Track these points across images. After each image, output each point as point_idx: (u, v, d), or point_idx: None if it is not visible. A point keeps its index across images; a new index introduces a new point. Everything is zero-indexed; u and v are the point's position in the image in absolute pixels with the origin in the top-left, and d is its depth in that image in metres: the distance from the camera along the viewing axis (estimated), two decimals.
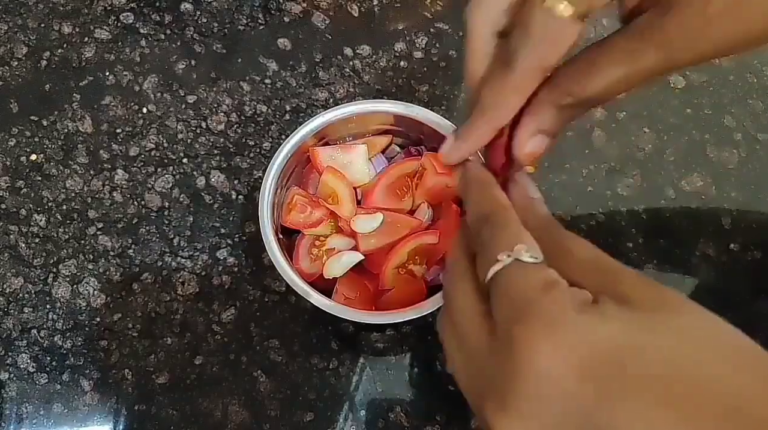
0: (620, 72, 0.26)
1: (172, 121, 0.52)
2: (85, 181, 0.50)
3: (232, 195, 0.50)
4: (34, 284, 0.48)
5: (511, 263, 0.23)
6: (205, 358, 0.46)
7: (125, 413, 0.45)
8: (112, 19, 0.54)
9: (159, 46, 0.54)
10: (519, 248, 0.23)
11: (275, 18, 0.55)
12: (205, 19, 0.55)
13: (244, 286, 0.48)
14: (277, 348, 0.47)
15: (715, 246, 0.50)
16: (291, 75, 0.53)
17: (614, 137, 0.52)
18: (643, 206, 0.51)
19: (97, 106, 0.52)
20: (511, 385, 0.21)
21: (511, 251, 0.23)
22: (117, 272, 0.48)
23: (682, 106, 0.53)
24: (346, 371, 0.46)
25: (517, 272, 0.23)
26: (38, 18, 0.54)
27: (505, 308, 0.22)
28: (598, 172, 0.51)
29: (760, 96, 0.54)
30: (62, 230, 0.49)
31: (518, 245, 0.23)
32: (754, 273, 0.49)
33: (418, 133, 0.45)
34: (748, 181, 0.51)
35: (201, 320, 0.47)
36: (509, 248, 0.23)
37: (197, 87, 0.53)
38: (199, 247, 0.49)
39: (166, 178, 0.50)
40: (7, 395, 0.45)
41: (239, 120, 0.52)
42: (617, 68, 0.26)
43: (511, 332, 0.21)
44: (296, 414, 0.45)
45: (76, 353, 0.46)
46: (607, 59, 0.26)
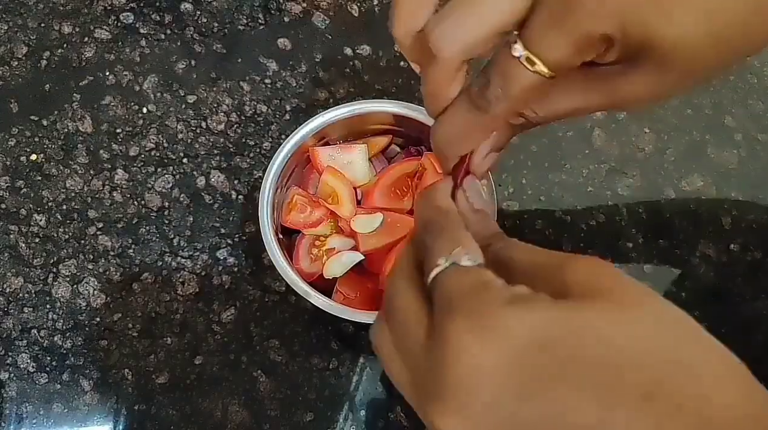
0: (569, 106, 0.28)
1: (172, 121, 0.52)
2: (85, 181, 0.50)
3: (232, 195, 0.50)
4: (34, 284, 0.48)
5: (449, 266, 0.24)
6: (205, 358, 0.46)
7: (125, 413, 0.45)
8: (112, 19, 0.54)
9: (159, 46, 0.54)
10: (458, 252, 0.24)
11: (275, 18, 0.55)
12: (205, 19, 0.55)
13: (244, 286, 0.48)
14: (277, 348, 0.47)
15: (716, 246, 0.50)
16: (291, 75, 0.53)
17: (614, 137, 0.52)
18: (643, 206, 0.51)
19: (97, 106, 0.52)
20: (446, 383, 0.21)
21: (449, 255, 0.24)
22: (117, 272, 0.48)
23: (682, 107, 0.53)
24: (346, 371, 0.46)
25: (453, 274, 0.24)
26: (38, 18, 0.54)
27: (440, 308, 0.23)
28: (598, 172, 0.51)
29: (761, 96, 0.54)
30: (62, 230, 0.49)
31: (457, 248, 0.24)
32: (754, 273, 0.49)
33: (418, 133, 0.45)
34: (749, 182, 0.51)
35: (201, 320, 0.47)
36: (449, 252, 0.24)
37: (197, 87, 0.53)
38: (199, 247, 0.49)
39: (166, 178, 0.50)
40: (7, 395, 0.45)
41: (239, 120, 0.52)
42: (568, 103, 0.28)
43: (443, 329, 0.22)
44: (296, 414, 0.45)
45: (76, 352, 0.46)
46: (562, 93, 0.28)
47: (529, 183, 0.51)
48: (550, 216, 0.50)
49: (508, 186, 0.51)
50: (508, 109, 0.27)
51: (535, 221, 0.50)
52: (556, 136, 0.52)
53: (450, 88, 0.29)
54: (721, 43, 0.25)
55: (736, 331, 0.47)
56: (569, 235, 0.49)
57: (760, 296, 0.49)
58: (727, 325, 0.48)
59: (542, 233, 0.49)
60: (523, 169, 0.51)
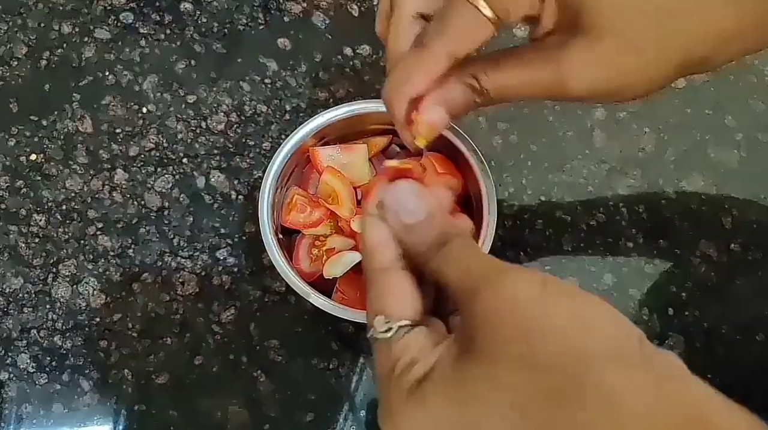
0: (519, 77, 0.29)
1: (171, 121, 0.52)
2: (84, 181, 0.50)
3: (232, 195, 0.50)
4: (33, 284, 0.48)
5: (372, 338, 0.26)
6: (205, 358, 0.46)
7: (125, 413, 0.45)
8: (112, 19, 0.54)
9: (159, 46, 0.54)
10: (377, 322, 0.25)
11: (275, 18, 0.55)
12: (205, 19, 0.55)
13: (244, 286, 0.48)
14: (277, 348, 0.47)
15: (716, 246, 0.50)
16: (291, 75, 0.53)
17: (615, 137, 0.52)
18: (643, 206, 0.51)
19: (96, 106, 0.52)
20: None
21: (372, 328, 0.25)
22: (117, 272, 0.48)
23: (682, 106, 0.53)
24: (346, 371, 0.46)
25: (377, 347, 0.25)
26: (38, 18, 0.54)
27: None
28: (598, 172, 0.51)
29: (761, 96, 0.54)
30: (62, 230, 0.49)
31: (377, 318, 0.25)
32: (755, 273, 0.49)
33: None
34: (749, 181, 0.51)
35: (201, 320, 0.47)
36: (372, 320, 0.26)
37: (197, 87, 0.53)
38: (199, 247, 0.49)
39: (165, 179, 0.50)
40: (7, 396, 0.45)
41: (239, 120, 0.52)
42: (517, 73, 0.29)
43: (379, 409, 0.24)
44: (296, 414, 0.45)
45: (75, 353, 0.46)
46: (512, 62, 0.29)
47: (529, 183, 0.51)
48: (550, 216, 0.50)
49: (508, 186, 0.51)
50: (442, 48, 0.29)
51: (536, 221, 0.50)
52: (556, 136, 0.52)
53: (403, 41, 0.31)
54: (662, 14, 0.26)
55: (737, 331, 0.47)
56: (569, 235, 0.49)
57: (761, 295, 0.48)
58: (728, 325, 0.48)
59: (542, 233, 0.49)
60: (523, 169, 0.51)
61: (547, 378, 0.20)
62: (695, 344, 0.47)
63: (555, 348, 0.21)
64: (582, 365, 0.20)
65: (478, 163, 0.42)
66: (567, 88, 0.28)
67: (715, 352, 0.47)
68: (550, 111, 0.53)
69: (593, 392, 0.19)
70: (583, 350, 0.20)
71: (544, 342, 0.21)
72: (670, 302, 0.48)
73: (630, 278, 0.49)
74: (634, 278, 0.49)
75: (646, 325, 0.47)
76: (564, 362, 0.20)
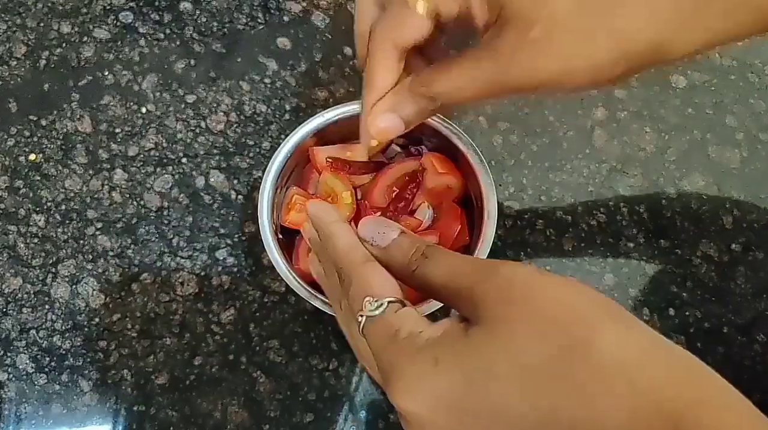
0: (464, 78, 0.30)
1: (171, 121, 0.52)
2: (84, 181, 0.50)
3: (232, 195, 0.50)
4: (33, 285, 0.48)
5: (365, 320, 0.26)
6: (205, 358, 0.46)
7: (124, 413, 0.45)
8: (111, 19, 0.54)
9: (158, 45, 0.54)
10: (367, 302, 0.26)
11: (275, 17, 0.55)
12: (204, 19, 0.55)
13: (244, 286, 0.48)
14: (276, 348, 0.47)
15: (717, 246, 0.50)
16: (291, 75, 0.53)
17: (615, 137, 0.52)
18: (644, 206, 0.50)
19: (96, 105, 0.52)
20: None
21: (362, 310, 0.26)
22: (116, 273, 0.48)
23: (683, 106, 0.53)
24: (346, 371, 0.46)
25: (370, 329, 0.26)
26: (37, 17, 0.54)
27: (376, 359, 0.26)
28: (599, 171, 0.51)
29: (762, 96, 0.54)
30: (61, 230, 0.49)
31: (366, 298, 0.26)
32: (756, 273, 0.49)
33: (418, 133, 0.45)
34: (750, 181, 0.51)
35: (200, 320, 0.47)
36: (360, 305, 0.26)
37: (196, 87, 0.53)
38: (199, 247, 0.49)
39: (165, 178, 0.50)
40: (6, 396, 0.45)
41: (239, 120, 0.52)
42: (463, 74, 0.30)
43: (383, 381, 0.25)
44: (296, 415, 0.45)
45: (75, 353, 0.46)
46: (459, 63, 0.30)
47: (529, 183, 0.51)
48: (550, 216, 0.50)
49: (508, 186, 0.51)
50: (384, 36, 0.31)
51: (536, 221, 0.50)
52: (556, 136, 0.52)
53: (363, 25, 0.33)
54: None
55: (737, 331, 0.47)
56: (570, 235, 0.49)
57: (762, 295, 0.48)
58: (728, 325, 0.48)
59: (543, 233, 0.49)
60: (523, 169, 0.51)
61: (556, 339, 0.22)
62: (696, 344, 0.47)
63: (559, 312, 0.23)
64: (586, 326, 0.22)
65: (478, 163, 0.42)
66: (509, 80, 0.29)
67: (716, 352, 0.47)
68: (550, 110, 0.52)
69: (600, 348, 0.21)
70: (586, 313, 0.22)
71: (548, 309, 0.23)
72: (671, 302, 0.48)
73: (630, 278, 0.48)
74: (634, 278, 0.48)
75: (647, 325, 0.47)
76: (569, 324, 0.22)
